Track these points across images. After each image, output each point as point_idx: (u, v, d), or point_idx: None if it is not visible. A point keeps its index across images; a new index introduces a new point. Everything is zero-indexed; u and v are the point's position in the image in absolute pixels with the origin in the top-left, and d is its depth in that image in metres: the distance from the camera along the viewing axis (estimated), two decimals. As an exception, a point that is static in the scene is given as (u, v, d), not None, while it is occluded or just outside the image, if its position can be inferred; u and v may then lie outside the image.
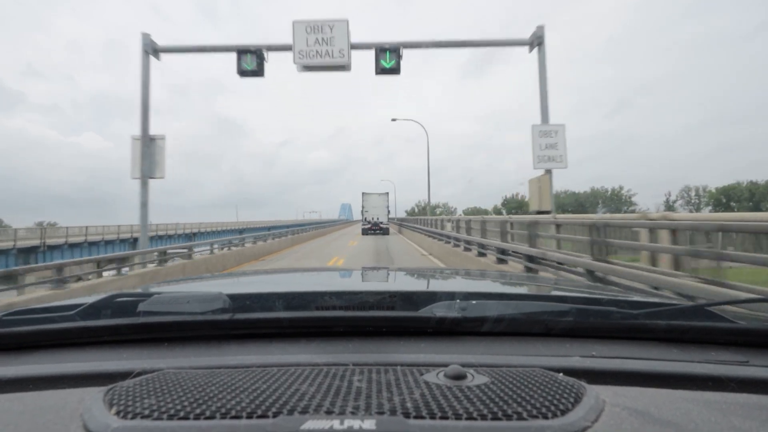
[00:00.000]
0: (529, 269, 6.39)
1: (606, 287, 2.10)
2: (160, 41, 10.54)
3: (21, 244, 28.86)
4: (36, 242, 30.06)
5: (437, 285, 1.46)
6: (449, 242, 13.14)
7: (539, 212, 9.31)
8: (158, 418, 0.46)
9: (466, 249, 10.75)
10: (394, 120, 28.22)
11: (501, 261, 7.93)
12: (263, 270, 2.11)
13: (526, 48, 10.45)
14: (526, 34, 10.27)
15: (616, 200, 77.59)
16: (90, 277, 8.31)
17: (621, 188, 79.64)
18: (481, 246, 9.45)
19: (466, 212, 75.74)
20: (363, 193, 35.82)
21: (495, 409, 0.47)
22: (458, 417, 0.45)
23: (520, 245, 7.27)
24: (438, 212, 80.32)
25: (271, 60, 10.17)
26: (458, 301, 0.83)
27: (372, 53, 10.02)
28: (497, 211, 77.34)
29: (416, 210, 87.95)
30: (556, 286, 1.53)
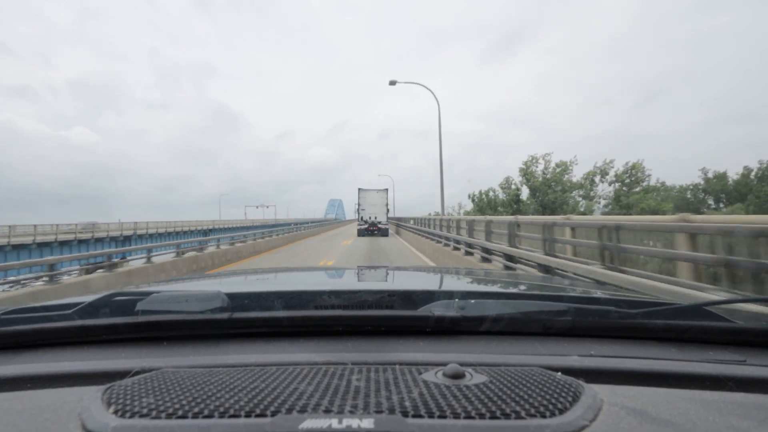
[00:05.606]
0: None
1: (602, 286, 2.10)
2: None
3: None
4: None
5: (436, 284, 1.46)
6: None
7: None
8: (157, 417, 0.46)
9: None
10: (392, 83, 20.28)
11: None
12: (262, 269, 2.10)
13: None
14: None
15: None
16: None
17: None
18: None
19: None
20: (359, 189, 31.75)
21: (493, 408, 0.47)
22: (457, 416, 0.45)
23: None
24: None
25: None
26: (457, 300, 0.83)
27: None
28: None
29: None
30: (555, 285, 1.53)
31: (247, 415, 0.46)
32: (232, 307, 0.81)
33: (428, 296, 0.89)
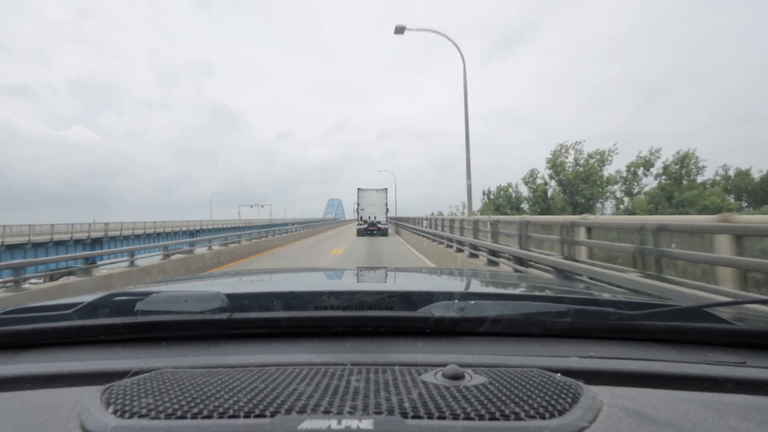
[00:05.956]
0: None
1: (601, 286, 2.10)
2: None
3: None
4: None
5: (435, 285, 1.46)
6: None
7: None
8: (156, 417, 0.46)
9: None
10: (399, 32, 14.34)
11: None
12: (261, 269, 2.11)
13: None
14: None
15: None
16: None
17: None
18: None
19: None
20: (359, 189, 31.44)
21: (493, 410, 0.47)
22: (456, 417, 0.45)
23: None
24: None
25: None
26: (456, 301, 0.83)
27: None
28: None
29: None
30: (555, 286, 1.53)
31: (247, 416, 0.45)
32: (231, 307, 0.81)
33: (428, 297, 0.89)
